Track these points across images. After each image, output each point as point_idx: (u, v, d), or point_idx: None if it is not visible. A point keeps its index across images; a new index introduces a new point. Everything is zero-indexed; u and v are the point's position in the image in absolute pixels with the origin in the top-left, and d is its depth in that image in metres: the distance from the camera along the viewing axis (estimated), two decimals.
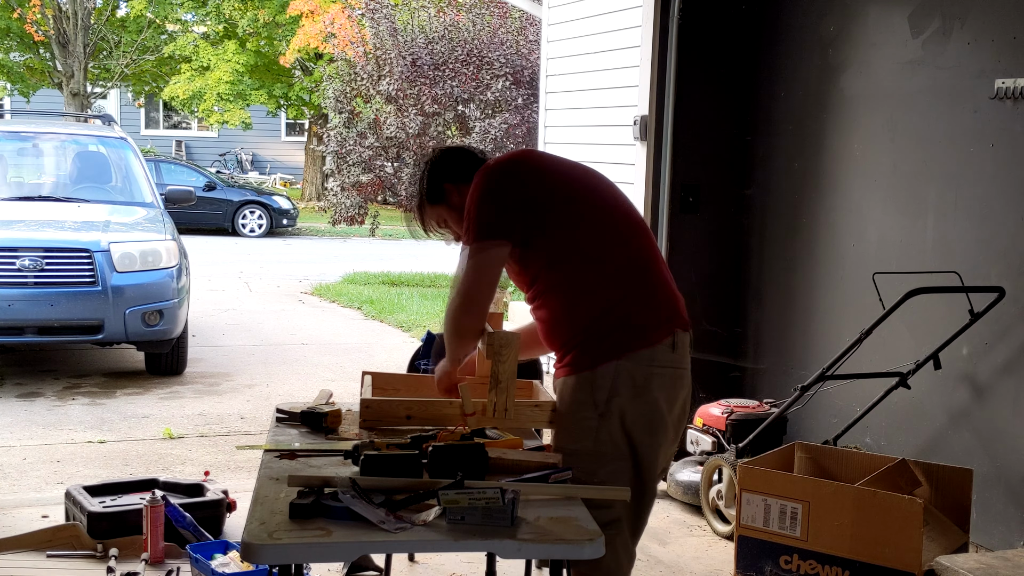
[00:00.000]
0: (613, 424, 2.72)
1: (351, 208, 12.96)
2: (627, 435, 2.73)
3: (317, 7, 19.47)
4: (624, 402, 2.71)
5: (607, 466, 2.71)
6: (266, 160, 29.29)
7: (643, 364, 2.73)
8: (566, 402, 2.78)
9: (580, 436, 2.72)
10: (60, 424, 6.31)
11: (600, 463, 2.70)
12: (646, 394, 2.73)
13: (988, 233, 4.38)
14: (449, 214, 2.97)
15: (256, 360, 8.38)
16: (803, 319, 5.32)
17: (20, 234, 7.22)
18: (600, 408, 2.72)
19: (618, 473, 2.72)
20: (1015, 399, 4.27)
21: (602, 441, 2.72)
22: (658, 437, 2.78)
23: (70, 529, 4.10)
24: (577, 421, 2.74)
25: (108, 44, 23.03)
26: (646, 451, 2.76)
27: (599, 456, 2.71)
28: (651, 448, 2.78)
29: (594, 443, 2.71)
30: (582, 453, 2.70)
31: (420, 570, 4.11)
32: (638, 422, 2.73)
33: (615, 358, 2.71)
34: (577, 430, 2.74)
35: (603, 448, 2.72)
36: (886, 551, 3.60)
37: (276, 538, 2.07)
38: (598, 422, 2.72)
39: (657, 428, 2.77)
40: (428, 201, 2.99)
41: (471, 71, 11.74)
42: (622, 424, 2.72)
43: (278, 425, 2.94)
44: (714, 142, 5.58)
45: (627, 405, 2.72)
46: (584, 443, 2.71)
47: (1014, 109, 4.22)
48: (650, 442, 2.77)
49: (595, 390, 2.72)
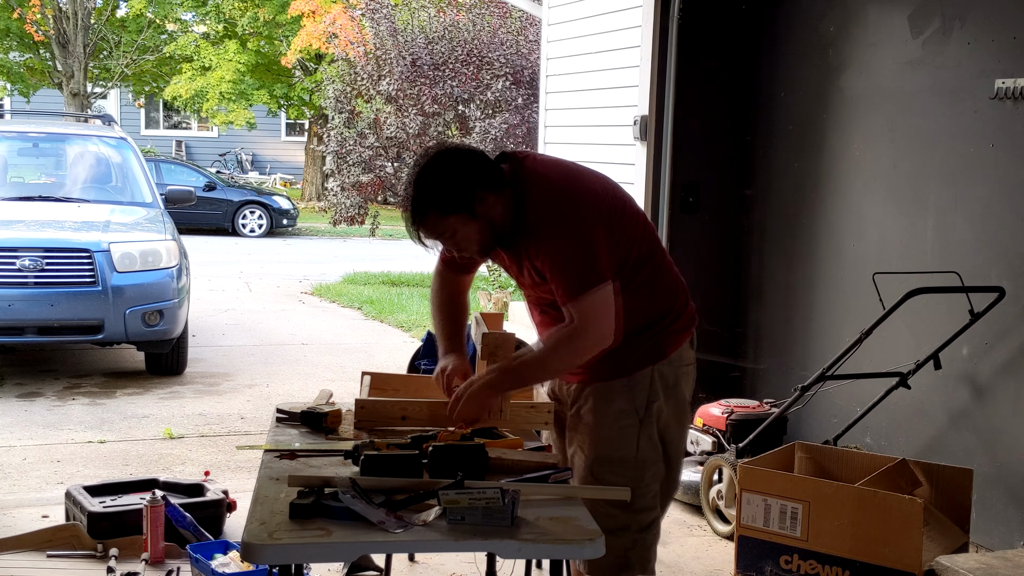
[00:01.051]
0: (652, 428, 2.77)
1: (351, 208, 12.95)
2: (661, 434, 2.80)
3: (318, 7, 19.47)
4: (661, 405, 2.78)
5: (650, 470, 2.77)
6: (266, 160, 29.29)
7: (674, 365, 2.81)
8: (604, 410, 2.76)
9: (622, 444, 2.74)
10: (60, 424, 6.30)
11: (644, 468, 2.75)
12: (676, 394, 2.82)
13: (988, 233, 4.38)
14: (467, 225, 2.63)
15: (256, 360, 8.38)
16: (803, 319, 5.32)
17: (20, 234, 7.22)
18: (640, 414, 2.76)
19: (657, 474, 2.80)
20: (1015, 399, 4.27)
21: (643, 447, 2.76)
22: (684, 431, 2.91)
23: (70, 529, 4.10)
24: (619, 429, 2.75)
25: (108, 44, 23.02)
26: (675, 444, 2.86)
27: (642, 462, 2.75)
28: (678, 442, 2.89)
29: (636, 449, 2.75)
30: (626, 461, 2.73)
31: (420, 570, 4.11)
32: (671, 422, 2.82)
33: (652, 363, 2.77)
34: (619, 438, 2.75)
35: (644, 453, 2.76)
36: (886, 551, 3.60)
37: (276, 538, 2.07)
38: (639, 429, 2.76)
39: (683, 423, 2.89)
40: (441, 211, 2.61)
41: (471, 71, 11.74)
42: (658, 426, 2.79)
43: (278, 425, 2.94)
44: (714, 142, 5.58)
45: (663, 408, 2.79)
46: (627, 451, 2.74)
47: (1014, 109, 4.22)
48: (678, 437, 2.88)
49: (635, 397, 2.76)
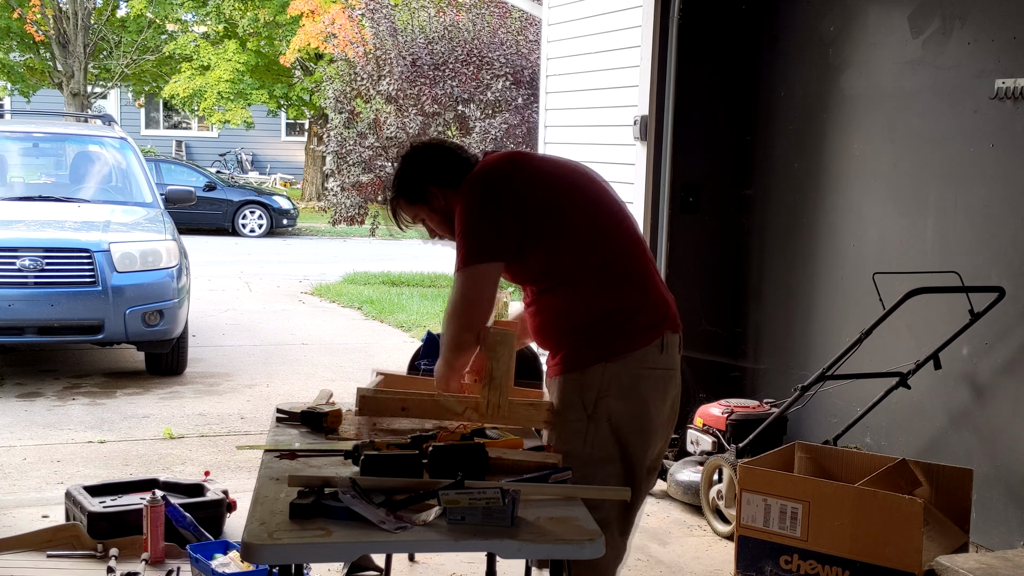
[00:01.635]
0: (602, 426, 2.73)
1: (351, 208, 12.96)
2: (616, 436, 2.74)
3: (318, 7, 19.47)
4: (612, 403, 2.73)
5: (599, 469, 2.71)
6: (266, 160, 29.29)
7: (631, 365, 2.74)
8: (558, 404, 2.79)
9: (570, 438, 2.73)
10: (60, 424, 6.31)
11: (592, 466, 2.70)
12: (634, 396, 2.75)
13: (988, 233, 4.38)
14: (430, 216, 2.91)
15: (256, 360, 8.38)
16: (803, 319, 5.32)
17: (20, 234, 7.22)
18: (588, 410, 2.73)
19: (610, 476, 2.73)
20: (1015, 399, 4.27)
21: (592, 443, 2.73)
22: (647, 437, 2.80)
23: (70, 529, 4.10)
24: (567, 423, 2.75)
25: (108, 44, 23.02)
26: (636, 451, 2.78)
27: (589, 458, 2.71)
28: (641, 449, 2.79)
29: (583, 445, 2.72)
30: (573, 456, 2.69)
31: (420, 570, 4.11)
32: (627, 423, 2.75)
33: (604, 360, 2.73)
34: (567, 432, 2.74)
35: (593, 451, 2.72)
36: (886, 551, 3.60)
37: (276, 538, 2.07)
38: (587, 424, 2.73)
39: (646, 429, 2.78)
40: (407, 200, 2.92)
41: (471, 71, 11.74)
42: (610, 425, 2.73)
43: (278, 425, 2.94)
44: (714, 142, 5.58)
45: (615, 406, 2.73)
46: (574, 445, 2.72)
47: (1014, 109, 4.22)
48: (640, 443, 2.78)
49: (584, 391, 2.74)
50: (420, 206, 2.90)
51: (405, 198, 2.91)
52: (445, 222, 2.88)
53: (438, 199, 2.87)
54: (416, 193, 2.89)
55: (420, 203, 2.90)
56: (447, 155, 2.93)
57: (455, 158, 2.92)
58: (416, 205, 2.91)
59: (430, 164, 2.90)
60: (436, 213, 2.89)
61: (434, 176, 2.88)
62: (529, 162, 2.92)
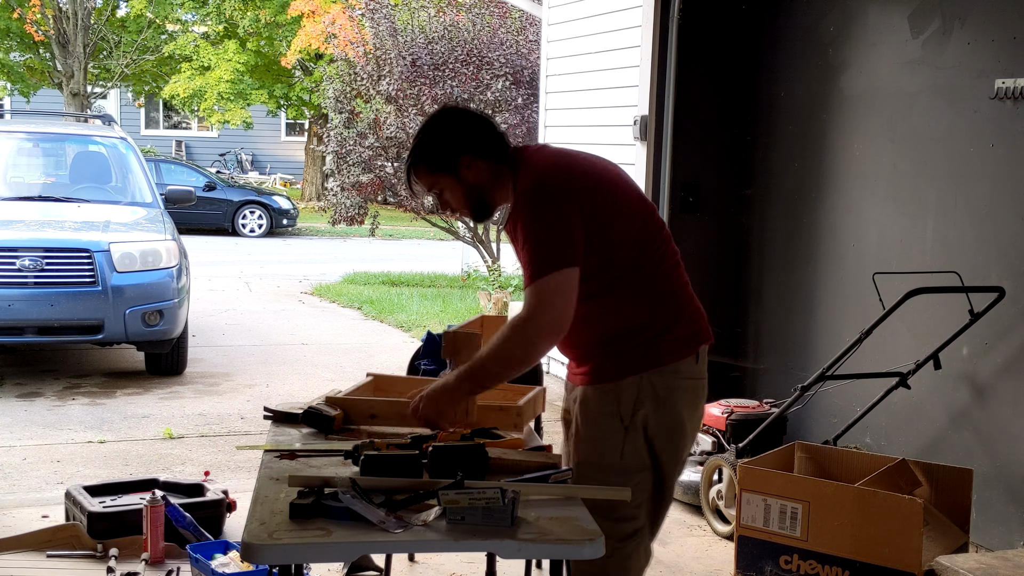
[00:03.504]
0: (638, 437, 2.70)
1: (351, 208, 12.95)
2: (650, 446, 2.72)
3: (318, 7, 19.47)
4: (648, 414, 2.70)
5: (633, 478, 2.68)
6: (266, 160, 29.29)
7: (667, 376, 2.71)
8: (589, 415, 2.73)
9: (607, 450, 2.69)
10: (60, 424, 6.30)
11: (628, 476, 2.67)
12: (669, 406, 2.72)
13: (988, 233, 4.38)
14: (453, 187, 2.70)
15: (256, 360, 8.38)
16: (803, 319, 5.32)
17: (20, 234, 7.22)
18: (626, 421, 2.69)
19: (643, 484, 2.72)
20: (1015, 399, 4.27)
21: (628, 454, 2.70)
22: (680, 447, 2.78)
23: (70, 529, 4.10)
24: (604, 435, 2.71)
25: (108, 44, 23.02)
26: (668, 460, 2.76)
27: (625, 470, 2.68)
28: (673, 458, 2.77)
29: (621, 456, 2.69)
30: (610, 467, 2.68)
31: (420, 570, 4.11)
32: (661, 433, 2.72)
33: (640, 371, 2.69)
34: (604, 444, 2.70)
35: (629, 461, 2.70)
36: (886, 551, 3.60)
37: (276, 538, 2.07)
38: (624, 435, 2.70)
39: (678, 439, 2.76)
40: (428, 167, 2.69)
41: (471, 71, 11.74)
42: (645, 435, 2.71)
43: (278, 425, 2.94)
44: (714, 142, 5.58)
45: (651, 417, 2.70)
46: (611, 457, 2.69)
47: (1014, 109, 4.22)
48: (672, 452, 2.76)
49: (620, 403, 2.69)
50: (443, 175, 2.69)
51: (427, 165, 2.69)
52: (470, 195, 2.70)
53: (470, 169, 2.67)
54: (443, 161, 2.67)
55: (445, 172, 2.68)
56: (485, 125, 2.72)
57: (493, 130, 2.72)
58: (438, 174, 2.69)
59: (466, 131, 2.69)
60: (462, 184, 2.69)
61: (470, 144, 2.67)
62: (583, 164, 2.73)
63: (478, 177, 2.69)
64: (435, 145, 2.68)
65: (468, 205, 2.74)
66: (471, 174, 2.68)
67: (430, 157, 2.68)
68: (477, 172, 2.68)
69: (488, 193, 2.72)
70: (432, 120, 2.75)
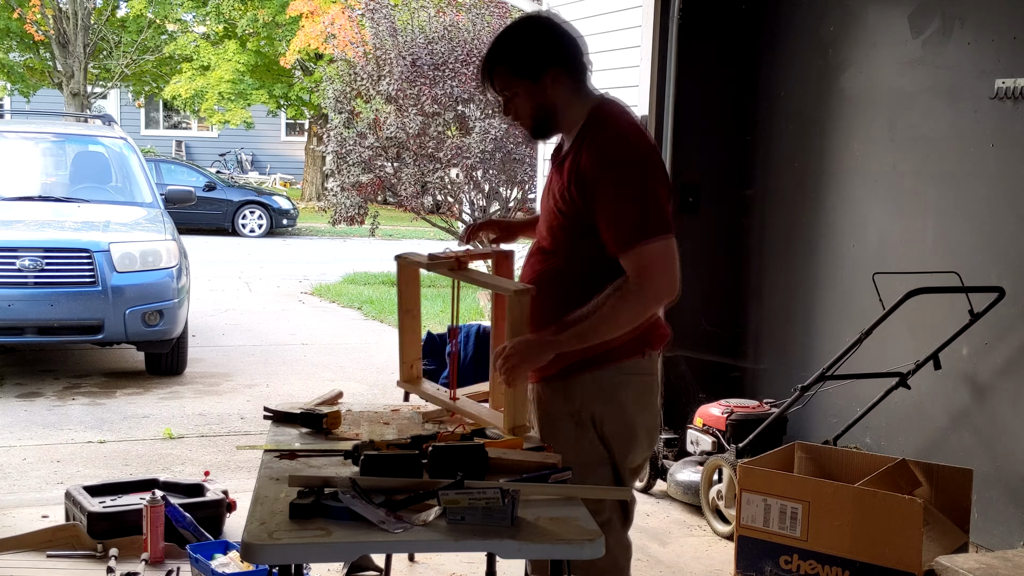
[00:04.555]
0: (591, 432, 2.72)
1: (351, 208, 12.95)
2: (603, 440, 2.73)
3: (317, 7, 19.47)
4: (597, 410, 2.71)
5: (594, 472, 2.70)
6: (266, 160, 29.29)
7: (612, 373, 2.71)
8: (544, 412, 2.77)
9: (562, 448, 2.68)
10: (60, 424, 6.30)
11: (586, 471, 2.67)
12: (616, 401, 2.72)
13: (988, 233, 4.38)
14: (532, 96, 2.61)
15: (256, 360, 8.38)
16: (803, 319, 5.32)
17: (20, 234, 7.22)
18: (576, 417, 2.72)
19: (603, 477, 2.73)
20: (1015, 399, 4.27)
21: (583, 450, 2.71)
22: (630, 440, 2.76)
23: (70, 529, 4.10)
24: (558, 432, 2.73)
25: (108, 44, 23.03)
26: (619, 452, 2.76)
27: (583, 465, 2.66)
28: (624, 449, 2.76)
29: (576, 453, 2.68)
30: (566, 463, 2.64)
31: (420, 570, 4.11)
32: (610, 428, 2.73)
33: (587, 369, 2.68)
34: (559, 442, 2.71)
35: (586, 457, 2.70)
36: (886, 551, 3.60)
37: (276, 538, 2.07)
38: (576, 431, 2.72)
39: (628, 432, 2.76)
40: (512, 70, 2.60)
41: (471, 71, 11.72)
42: (597, 430, 2.72)
43: (278, 425, 2.94)
44: (714, 142, 5.58)
45: (600, 413, 2.71)
46: (568, 455, 2.66)
47: (1014, 109, 4.22)
48: (623, 445, 2.76)
49: (570, 400, 2.72)
50: (524, 82, 2.61)
51: (511, 67, 2.60)
52: (540, 110, 2.64)
53: (553, 84, 2.60)
54: (530, 68, 2.59)
55: (527, 79, 2.60)
56: (578, 45, 2.65)
57: (583, 55, 2.64)
58: (519, 79, 2.61)
59: (561, 44, 2.62)
60: (539, 96, 2.62)
61: (562, 59, 2.61)
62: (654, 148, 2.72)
63: (556, 95, 2.62)
64: (526, 50, 2.61)
65: (533, 119, 2.67)
66: (552, 90, 2.61)
67: (517, 61, 2.60)
68: (557, 90, 2.61)
69: (558, 114, 2.65)
70: (526, 23, 2.68)
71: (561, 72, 2.61)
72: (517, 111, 2.68)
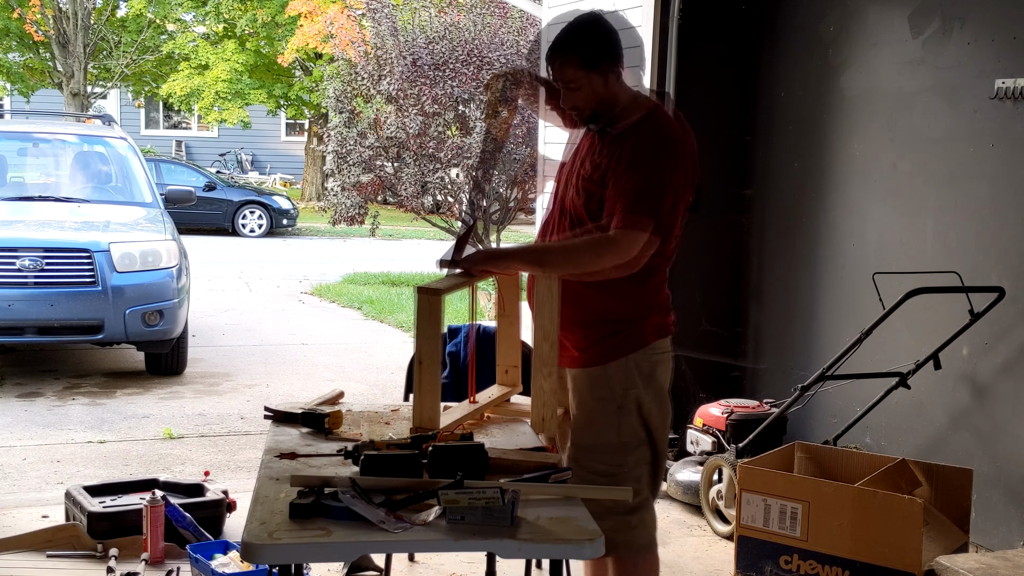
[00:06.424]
0: (632, 415, 2.86)
1: (351, 208, 12.94)
2: (643, 421, 2.88)
3: (316, 7, 19.46)
4: (640, 392, 2.86)
5: (632, 454, 2.86)
6: (266, 160, 29.29)
7: (648, 354, 2.89)
8: (584, 399, 2.89)
9: (602, 430, 2.85)
10: (60, 424, 6.30)
11: (625, 453, 2.85)
12: (654, 381, 2.90)
13: (988, 233, 4.38)
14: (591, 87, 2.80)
15: (256, 360, 8.38)
16: (803, 319, 5.32)
17: (20, 234, 7.22)
18: (619, 401, 2.85)
19: (642, 457, 2.90)
20: (1015, 399, 4.27)
21: (624, 432, 2.85)
22: (667, 415, 2.98)
23: (70, 529, 4.10)
24: (599, 417, 2.86)
25: (108, 44, 23.02)
26: (659, 429, 2.94)
27: (623, 447, 2.85)
28: (663, 425, 2.96)
29: (617, 435, 2.84)
30: (607, 447, 2.84)
31: (420, 570, 4.11)
32: (652, 408, 2.89)
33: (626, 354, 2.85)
34: (599, 425, 2.85)
35: (625, 439, 2.86)
36: (886, 551, 3.60)
37: (276, 538, 2.07)
38: (618, 415, 2.85)
39: (664, 407, 2.95)
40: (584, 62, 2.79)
41: (471, 71, 11.73)
42: (640, 413, 2.87)
43: (278, 425, 2.94)
44: (714, 142, 5.57)
45: (642, 395, 2.87)
46: (607, 437, 2.84)
47: (1014, 109, 4.22)
48: (662, 421, 2.95)
49: (612, 386, 2.85)
50: (594, 74, 2.80)
51: (583, 58, 2.79)
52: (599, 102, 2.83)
53: (610, 78, 2.81)
54: (596, 60, 2.79)
55: (596, 71, 2.80)
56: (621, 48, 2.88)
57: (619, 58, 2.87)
58: (589, 71, 2.80)
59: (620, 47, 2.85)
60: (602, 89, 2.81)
61: (620, 59, 2.83)
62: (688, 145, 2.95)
63: (613, 89, 2.82)
64: (601, 44, 2.80)
65: (592, 109, 2.84)
66: (613, 84, 2.82)
67: (591, 53, 2.79)
68: (614, 84, 2.82)
69: (610, 106, 2.83)
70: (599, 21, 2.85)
71: (619, 69, 2.83)
72: (579, 100, 2.84)
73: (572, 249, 2.80)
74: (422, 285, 2.68)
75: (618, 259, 2.73)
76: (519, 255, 2.86)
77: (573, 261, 2.79)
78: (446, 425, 2.73)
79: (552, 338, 2.77)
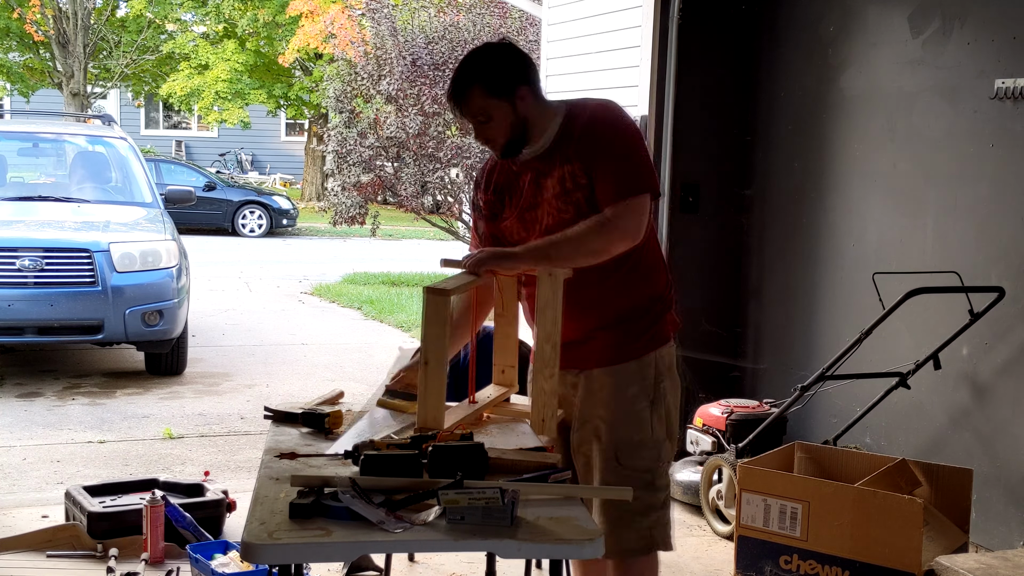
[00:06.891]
0: (661, 408, 2.89)
1: (351, 208, 12.94)
2: (668, 415, 2.92)
3: (316, 7, 19.46)
4: (666, 385, 2.90)
5: (663, 449, 2.89)
6: (266, 160, 29.28)
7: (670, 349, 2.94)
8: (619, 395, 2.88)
9: (641, 427, 2.85)
10: (60, 424, 6.31)
11: (661, 448, 2.87)
12: (674, 373, 2.94)
13: (988, 233, 4.38)
14: (505, 116, 2.74)
15: (256, 360, 8.38)
16: (803, 319, 5.32)
17: (20, 234, 7.22)
18: (651, 395, 2.87)
19: (669, 451, 2.93)
20: (1015, 399, 4.27)
21: (655, 428, 2.87)
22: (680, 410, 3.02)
23: (70, 529, 4.10)
24: (637, 412, 2.86)
25: (108, 44, 23.03)
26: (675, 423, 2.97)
27: (658, 442, 2.87)
28: (679, 420, 3.00)
29: (650, 431, 2.86)
30: (646, 443, 2.85)
31: (420, 570, 4.11)
32: (674, 400, 2.94)
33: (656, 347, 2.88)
34: (637, 421, 2.86)
35: (658, 434, 2.87)
36: (886, 551, 3.60)
37: (276, 538, 2.07)
38: (651, 409, 2.87)
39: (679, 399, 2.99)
40: (488, 91, 2.71)
41: None
42: (666, 406, 2.90)
43: (278, 425, 2.94)
44: (714, 142, 5.58)
45: (668, 388, 2.91)
46: (645, 433, 2.85)
47: (1014, 109, 4.22)
48: (676, 414, 2.97)
49: (645, 379, 2.87)
50: (500, 101, 2.73)
51: (486, 87, 2.72)
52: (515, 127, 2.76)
53: (523, 101, 2.75)
54: (504, 86, 2.73)
55: (502, 98, 2.73)
56: (533, 65, 2.83)
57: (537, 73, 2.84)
58: (494, 98, 2.73)
59: (525, 65, 2.79)
60: (512, 114, 2.74)
61: (528, 76, 2.77)
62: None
63: (526, 110, 2.76)
64: (498, 70, 2.74)
65: (509, 136, 2.78)
66: (523, 105, 2.75)
67: (491, 80, 2.72)
68: (527, 105, 2.76)
69: (529, 128, 2.78)
70: (492, 47, 2.82)
71: (527, 89, 2.76)
72: (493, 131, 2.78)
73: (579, 238, 2.72)
74: (430, 285, 2.65)
75: (626, 236, 2.72)
76: (525, 254, 2.79)
77: (583, 250, 2.73)
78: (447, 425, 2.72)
79: (554, 340, 2.75)
